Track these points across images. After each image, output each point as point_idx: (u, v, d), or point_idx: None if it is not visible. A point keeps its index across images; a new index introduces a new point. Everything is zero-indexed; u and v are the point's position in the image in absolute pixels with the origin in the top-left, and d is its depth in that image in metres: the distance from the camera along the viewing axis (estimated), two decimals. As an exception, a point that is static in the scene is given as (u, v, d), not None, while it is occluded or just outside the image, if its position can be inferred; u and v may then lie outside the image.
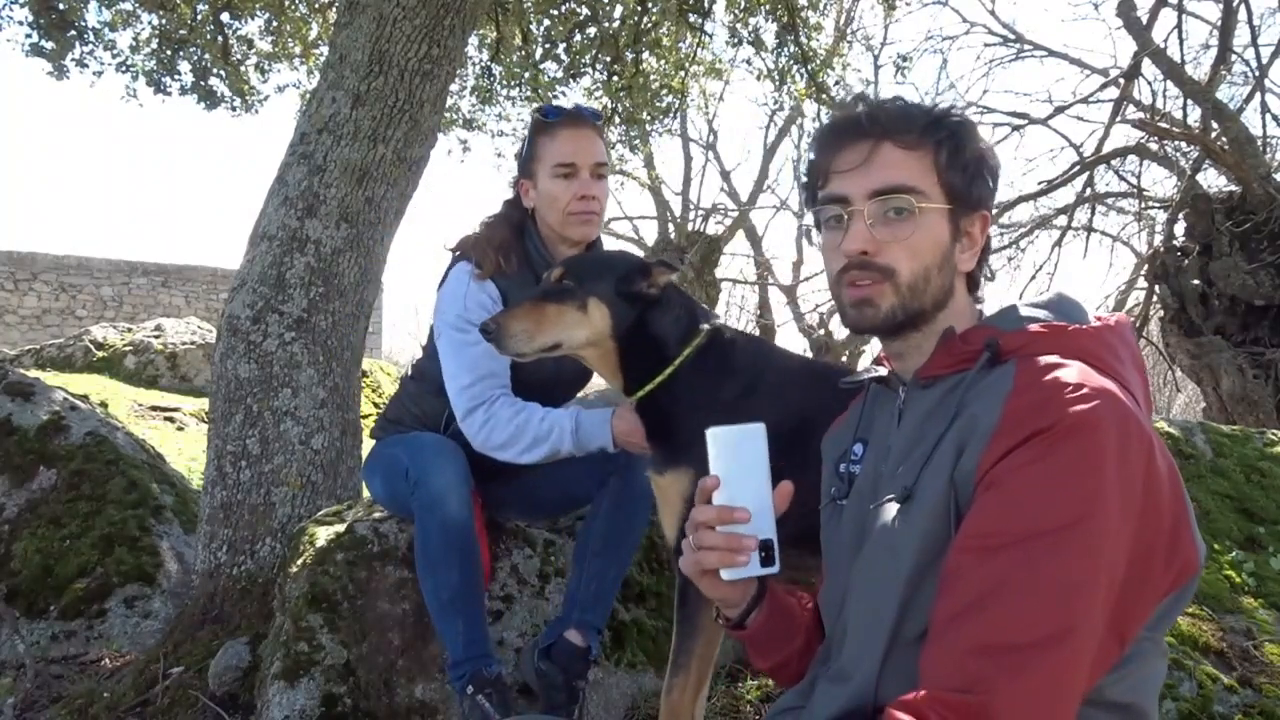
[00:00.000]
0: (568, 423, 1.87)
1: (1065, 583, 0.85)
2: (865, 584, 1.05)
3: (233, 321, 2.79)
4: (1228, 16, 7.42)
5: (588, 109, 2.12)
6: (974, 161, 1.09)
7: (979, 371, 1.02)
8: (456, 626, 1.91)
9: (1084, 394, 0.91)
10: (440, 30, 2.94)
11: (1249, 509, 2.84)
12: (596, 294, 1.65)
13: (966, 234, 1.10)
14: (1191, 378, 7.96)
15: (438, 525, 1.90)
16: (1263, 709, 2.11)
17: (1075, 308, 1.08)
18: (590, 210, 2.01)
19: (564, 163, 1.99)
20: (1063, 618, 0.84)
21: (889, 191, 1.06)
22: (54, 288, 15.22)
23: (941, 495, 0.96)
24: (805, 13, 6.40)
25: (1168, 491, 0.92)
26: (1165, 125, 8.05)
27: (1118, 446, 0.88)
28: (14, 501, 3.28)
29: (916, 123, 1.07)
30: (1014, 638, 0.84)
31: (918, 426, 1.06)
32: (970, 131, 1.10)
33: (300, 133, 2.96)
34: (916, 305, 1.08)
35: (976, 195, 1.09)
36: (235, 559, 2.67)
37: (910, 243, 1.06)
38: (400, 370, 10.78)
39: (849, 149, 1.08)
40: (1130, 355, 1.04)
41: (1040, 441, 0.89)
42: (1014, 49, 10.42)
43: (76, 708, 2.41)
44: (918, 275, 1.07)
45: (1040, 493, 0.88)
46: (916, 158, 1.07)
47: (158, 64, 6.19)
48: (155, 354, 8.69)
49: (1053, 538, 0.86)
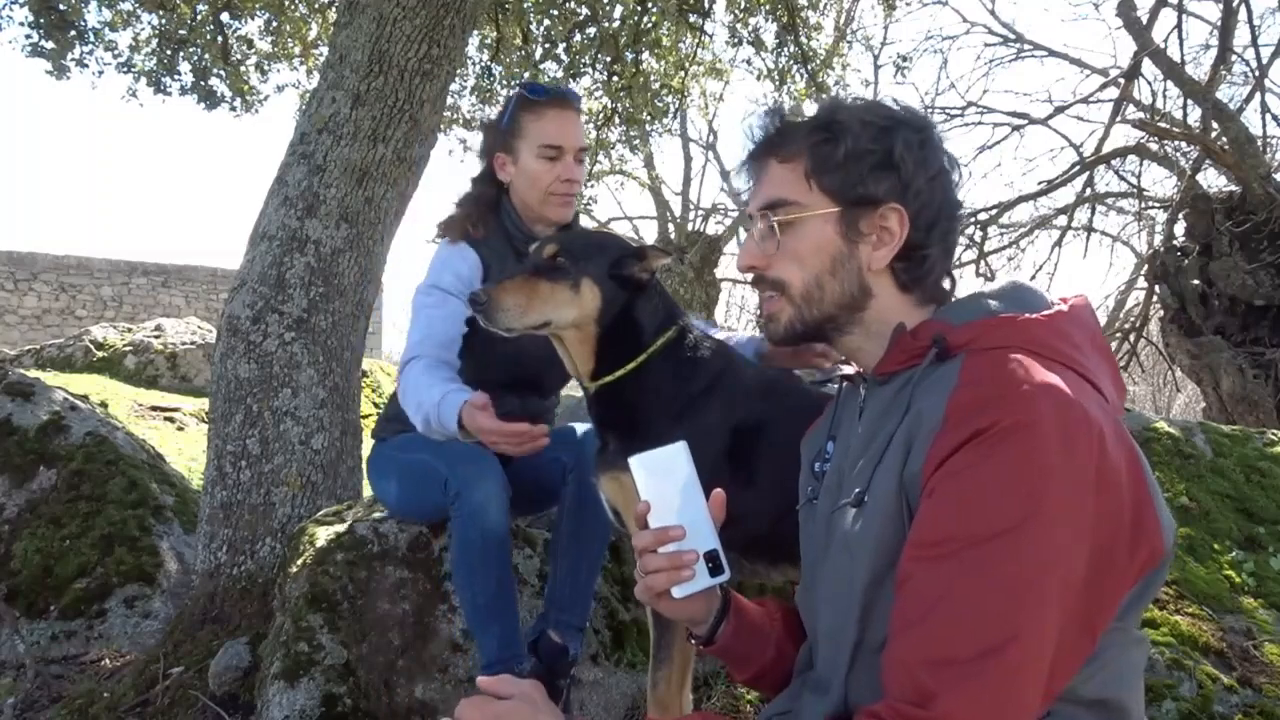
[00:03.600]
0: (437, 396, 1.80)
1: (1009, 589, 0.84)
2: (830, 590, 1.05)
3: (233, 321, 2.79)
4: (1228, 16, 7.42)
5: (571, 91, 2.15)
6: (858, 158, 1.05)
7: (928, 367, 1.01)
8: (493, 630, 1.93)
9: (1023, 391, 0.89)
10: (440, 30, 2.94)
11: (1249, 509, 2.84)
12: (590, 274, 1.62)
13: (880, 229, 1.07)
14: (1191, 378, 7.96)
15: (479, 535, 1.92)
16: (1263, 709, 2.11)
17: (1031, 295, 1.06)
18: (571, 192, 2.07)
19: (550, 144, 2.02)
20: (1007, 625, 0.84)
21: (770, 206, 1.09)
22: (54, 288, 15.22)
23: (893, 497, 0.96)
24: (805, 13, 6.41)
25: (1126, 478, 0.91)
26: (1165, 125, 8.05)
27: (1060, 442, 0.87)
28: (14, 501, 3.28)
29: (799, 132, 1.09)
30: (958, 650, 0.84)
31: (873, 424, 1.06)
32: (854, 130, 1.06)
33: (300, 133, 2.96)
34: (815, 313, 1.09)
35: (868, 192, 1.06)
36: (235, 559, 2.67)
37: (793, 253, 1.08)
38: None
39: (749, 170, 1.15)
40: (1089, 339, 1.03)
41: (981, 443, 0.88)
42: (1014, 49, 10.43)
43: (76, 708, 2.41)
44: (809, 284, 1.09)
45: (981, 498, 0.87)
46: (791, 168, 1.09)
47: (158, 64, 6.19)
48: (155, 354, 8.69)
49: (995, 543, 0.85)
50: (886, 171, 1.06)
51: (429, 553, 2.21)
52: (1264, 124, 7.71)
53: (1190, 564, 2.61)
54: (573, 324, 1.63)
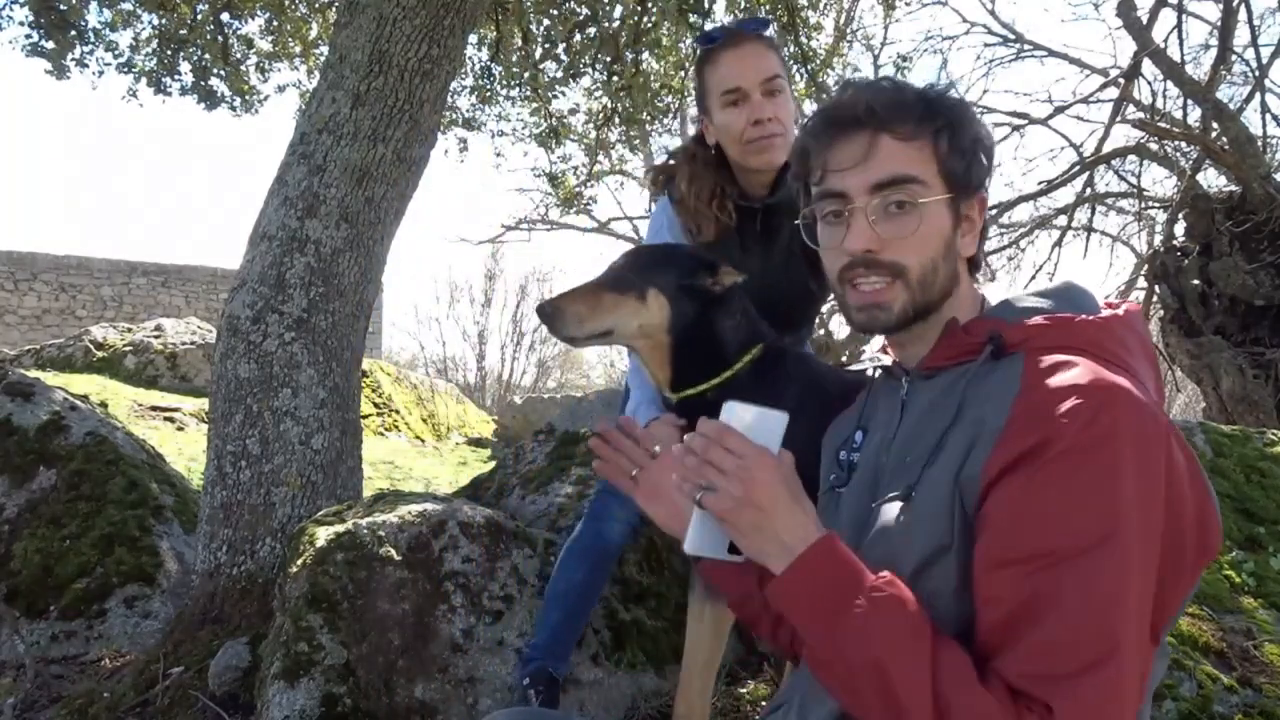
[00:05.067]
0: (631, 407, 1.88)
1: (1102, 605, 0.83)
2: None
3: (233, 321, 2.79)
4: (1228, 16, 7.41)
5: (750, 21, 1.97)
6: (972, 145, 1.06)
7: (982, 364, 0.99)
8: (554, 617, 2.03)
9: (1095, 398, 0.88)
10: (440, 30, 2.94)
11: (1249, 509, 2.84)
12: (657, 285, 1.61)
13: (966, 218, 1.08)
14: (1191, 378, 7.96)
15: (594, 533, 2.02)
16: (1263, 709, 2.11)
17: (1084, 296, 1.05)
18: (768, 134, 1.83)
19: (729, 89, 1.83)
20: (1106, 640, 0.83)
21: (890, 184, 1.02)
22: (54, 288, 15.23)
23: (945, 496, 0.94)
24: (805, 13, 6.40)
25: (1188, 481, 0.91)
26: (1165, 125, 8.04)
27: (1136, 451, 0.86)
28: (14, 501, 3.28)
29: (913, 111, 1.04)
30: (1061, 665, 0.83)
31: (920, 421, 1.04)
32: (967, 114, 1.06)
33: (300, 133, 2.96)
34: (926, 299, 1.05)
35: (976, 179, 1.07)
36: (235, 559, 2.67)
37: (916, 237, 1.03)
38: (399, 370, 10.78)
39: (845, 142, 1.04)
40: (1140, 345, 1.02)
41: (1054, 451, 0.87)
42: (1014, 49, 10.42)
43: (76, 708, 2.41)
44: (926, 269, 1.04)
45: (1066, 511, 0.86)
46: (916, 148, 1.03)
47: (158, 64, 6.19)
48: (155, 354, 8.70)
49: (1084, 559, 0.84)
50: (985, 160, 1.07)
51: (429, 553, 2.21)
52: (1264, 124, 7.70)
53: (1190, 564, 2.61)
54: (639, 334, 1.63)
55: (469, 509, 2.39)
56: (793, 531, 0.95)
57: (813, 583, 0.92)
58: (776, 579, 0.95)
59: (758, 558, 0.97)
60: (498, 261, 23.86)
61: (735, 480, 0.95)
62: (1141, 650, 0.87)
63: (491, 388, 22.57)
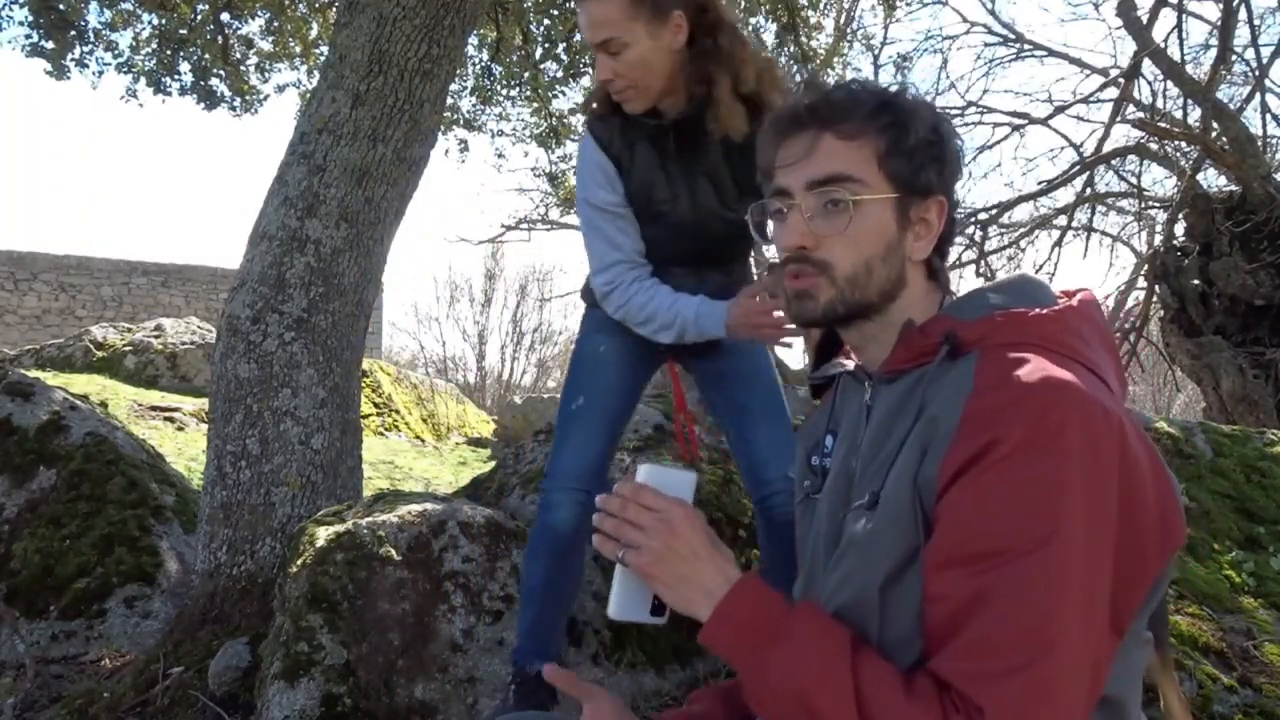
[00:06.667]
0: (689, 312, 1.89)
1: (1039, 605, 0.84)
2: (845, 595, 1.03)
3: (233, 321, 2.79)
4: (1228, 16, 7.41)
5: None
6: (922, 146, 1.05)
7: (939, 365, 0.99)
8: (526, 615, 2.02)
9: (1042, 396, 0.88)
10: (440, 30, 2.94)
11: (1249, 509, 2.85)
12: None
13: (921, 220, 1.07)
14: (1191, 378, 7.96)
15: (542, 525, 2.00)
16: (1263, 709, 2.11)
17: (1039, 289, 1.05)
18: (618, 89, 1.81)
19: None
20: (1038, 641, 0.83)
21: (825, 182, 1.03)
22: (54, 288, 15.23)
23: (907, 500, 0.95)
24: (805, 13, 6.41)
25: (1149, 473, 0.91)
26: (1165, 125, 8.05)
27: (1084, 447, 0.87)
28: (14, 501, 3.28)
29: (859, 110, 1.04)
30: (987, 665, 0.84)
31: (883, 424, 1.04)
32: (918, 115, 1.06)
33: (300, 133, 2.96)
34: (858, 298, 1.05)
35: (925, 181, 1.06)
36: (235, 559, 2.67)
37: (848, 235, 1.03)
38: (399, 370, 10.78)
39: (791, 141, 1.06)
40: (1098, 335, 1.02)
41: (1000, 453, 0.87)
42: (1014, 49, 10.42)
43: (76, 708, 2.41)
44: (858, 268, 1.04)
45: (1007, 513, 0.86)
46: (856, 147, 1.04)
47: (158, 64, 6.20)
48: (155, 354, 8.70)
49: (1025, 560, 0.85)
50: (939, 163, 1.06)
51: (429, 553, 2.22)
52: (1264, 124, 7.71)
53: (1190, 564, 2.61)
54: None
55: (469, 509, 2.40)
56: (714, 578, 0.97)
57: (737, 621, 0.95)
58: (705, 625, 0.97)
59: (686, 609, 0.99)
60: (498, 261, 23.86)
61: (655, 534, 0.98)
62: (1090, 648, 0.87)
63: (491, 388, 22.59)
